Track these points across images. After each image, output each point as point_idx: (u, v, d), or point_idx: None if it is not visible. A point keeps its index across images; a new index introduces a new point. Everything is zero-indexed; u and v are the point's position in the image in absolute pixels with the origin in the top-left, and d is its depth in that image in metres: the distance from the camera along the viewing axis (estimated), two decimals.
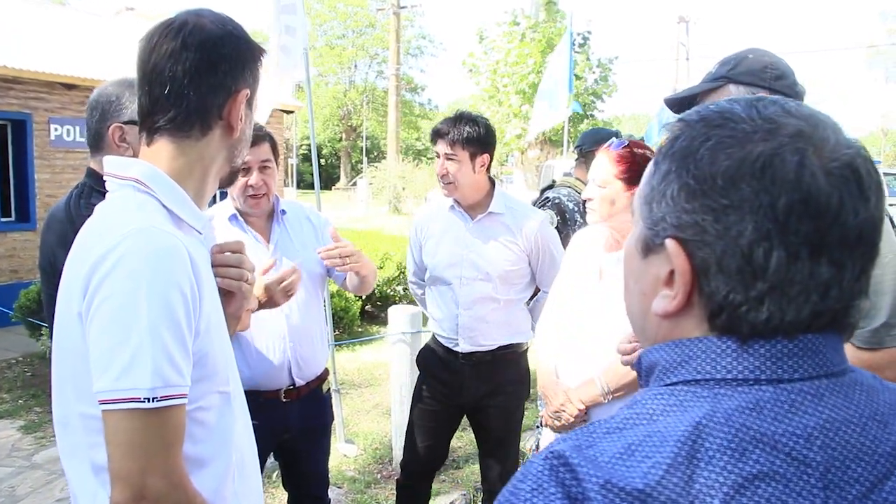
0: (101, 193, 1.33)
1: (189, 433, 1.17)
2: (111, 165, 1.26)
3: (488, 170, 2.90)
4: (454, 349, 2.93)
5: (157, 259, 1.10)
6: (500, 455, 3.04)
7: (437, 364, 3.05)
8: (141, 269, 1.08)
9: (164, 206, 1.22)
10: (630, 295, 0.79)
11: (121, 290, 1.07)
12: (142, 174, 1.22)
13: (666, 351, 0.71)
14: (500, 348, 2.93)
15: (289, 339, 2.54)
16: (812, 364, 0.65)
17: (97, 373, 1.07)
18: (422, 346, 3.35)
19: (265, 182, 2.50)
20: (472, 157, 2.79)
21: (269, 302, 2.18)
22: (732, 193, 0.64)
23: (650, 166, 0.75)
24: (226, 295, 1.44)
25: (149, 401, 1.05)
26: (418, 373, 3.20)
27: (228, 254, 1.47)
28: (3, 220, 9.30)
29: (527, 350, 3.09)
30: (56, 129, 9.60)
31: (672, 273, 0.69)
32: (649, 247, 0.73)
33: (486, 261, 2.85)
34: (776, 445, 0.60)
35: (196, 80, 1.23)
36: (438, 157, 2.82)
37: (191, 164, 1.27)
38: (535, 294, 3.12)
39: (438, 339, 3.03)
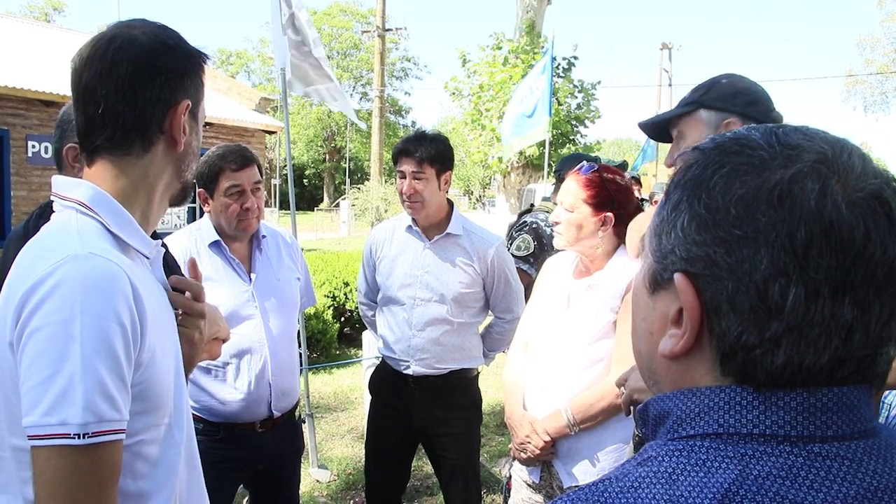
0: None
1: (130, 468, 1.12)
2: (58, 185, 1.21)
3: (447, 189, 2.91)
4: (404, 372, 2.89)
5: (94, 287, 1.04)
6: (459, 484, 2.99)
7: (386, 388, 3.02)
8: (76, 298, 1.02)
9: (108, 230, 1.16)
10: (637, 335, 0.73)
11: (53, 320, 1.01)
12: (86, 197, 1.17)
13: (681, 399, 0.65)
14: (451, 373, 2.89)
15: (271, 374, 2.53)
16: (846, 420, 0.60)
17: (26, 407, 1.01)
18: None
19: (257, 205, 2.51)
20: (438, 174, 2.81)
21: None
22: (746, 224, 0.59)
23: (662, 197, 0.69)
24: (182, 338, 1.36)
25: (79, 437, 0.99)
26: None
27: (188, 298, 1.38)
28: None
29: (477, 375, 3.06)
30: (34, 146, 9.53)
31: (681, 311, 0.64)
32: (658, 282, 0.67)
33: (441, 282, 2.83)
34: None
35: (131, 95, 1.18)
36: (404, 176, 2.80)
37: (135, 184, 1.21)
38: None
39: (388, 362, 2.98)
